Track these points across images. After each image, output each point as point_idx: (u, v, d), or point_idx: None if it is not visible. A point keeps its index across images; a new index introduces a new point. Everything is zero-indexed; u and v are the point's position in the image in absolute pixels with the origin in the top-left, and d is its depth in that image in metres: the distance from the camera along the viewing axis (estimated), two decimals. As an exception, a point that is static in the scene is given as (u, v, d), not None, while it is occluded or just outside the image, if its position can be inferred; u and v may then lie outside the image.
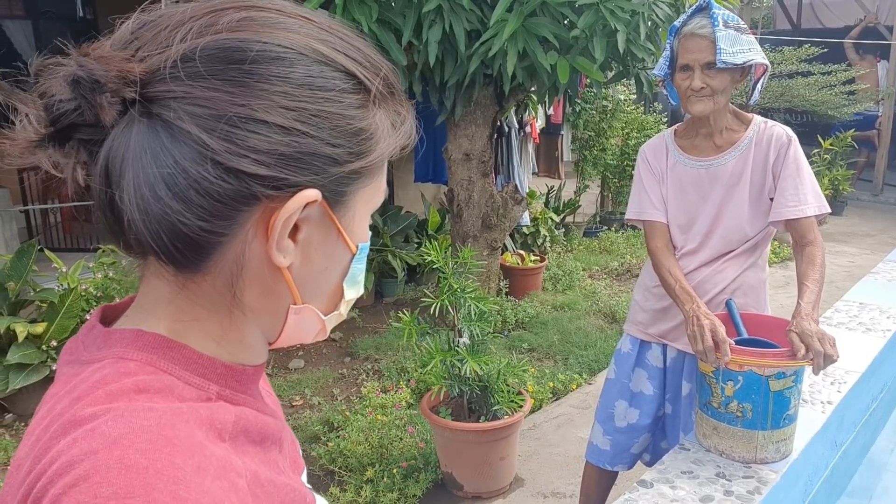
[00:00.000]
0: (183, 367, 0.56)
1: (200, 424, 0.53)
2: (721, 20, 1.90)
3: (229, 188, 0.52)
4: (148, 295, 0.59)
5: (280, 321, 0.62)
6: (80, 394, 0.52)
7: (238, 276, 0.57)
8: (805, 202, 1.96)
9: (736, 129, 2.05)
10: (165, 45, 0.52)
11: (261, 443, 0.60)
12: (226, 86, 0.52)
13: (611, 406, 2.30)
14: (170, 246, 0.53)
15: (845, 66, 9.32)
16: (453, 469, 2.99)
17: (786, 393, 1.73)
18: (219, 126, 0.51)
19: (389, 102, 0.61)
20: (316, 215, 0.58)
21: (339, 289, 0.64)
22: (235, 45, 0.52)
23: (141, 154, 0.51)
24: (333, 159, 0.56)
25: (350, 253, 0.62)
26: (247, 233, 0.55)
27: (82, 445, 0.48)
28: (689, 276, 2.07)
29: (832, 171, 8.62)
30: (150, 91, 0.51)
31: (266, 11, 0.56)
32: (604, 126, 7.37)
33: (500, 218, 4.86)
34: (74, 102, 0.51)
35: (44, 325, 3.66)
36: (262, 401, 0.64)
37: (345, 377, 4.21)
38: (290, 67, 0.54)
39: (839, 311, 2.86)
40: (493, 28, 3.69)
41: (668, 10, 4.02)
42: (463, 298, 2.72)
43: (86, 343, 0.59)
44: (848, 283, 5.97)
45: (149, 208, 0.51)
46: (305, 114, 0.54)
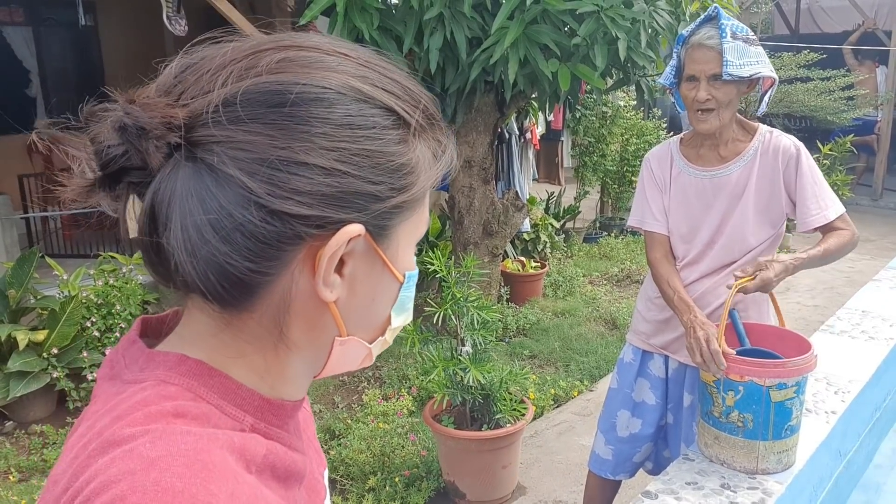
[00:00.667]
0: (221, 396, 0.57)
1: (233, 451, 0.53)
2: (729, 31, 1.88)
3: (274, 230, 0.53)
4: (192, 326, 0.60)
5: (325, 353, 0.62)
6: (120, 413, 0.53)
7: (285, 312, 0.57)
8: (826, 207, 1.98)
9: (741, 139, 2.05)
10: (207, 89, 0.53)
11: (285, 480, 0.61)
12: (267, 129, 0.52)
13: (613, 416, 2.30)
14: (218, 286, 0.54)
15: (844, 71, 9.34)
16: (455, 477, 2.98)
17: (787, 404, 1.73)
18: (261, 170, 0.52)
19: (429, 133, 0.61)
20: (361, 249, 0.58)
21: (387, 317, 0.64)
22: (275, 88, 0.53)
23: (187, 197, 0.51)
24: (375, 196, 0.56)
25: (398, 282, 0.62)
26: (293, 270, 0.56)
27: (120, 466, 0.48)
28: (690, 288, 2.07)
29: (832, 176, 8.60)
30: (195, 136, 0.52)
31: (305, 51, 0.57)
32: (604, 132, 7.38)
33: (501, 225, 4.87)
34: (122, 147, 0.52)
35: (44, 333, 3.66)
36: (295, 437, 0.64)
37: (346, 384, 4.20)
38: (330, 108, 0.54)
39: (841, 319, 2.85)
40: (495, 35, 3.70)
41: (668, 18, 4.04)
42: (466, 307, 2.72)
43: (127, 359, 0.60)
44: (848, 288, 5.97)
45: (196, 251, 0.52)
46: (346, 154, 0.54)
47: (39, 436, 3.56)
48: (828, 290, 6.06)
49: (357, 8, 3.69)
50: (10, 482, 3.19)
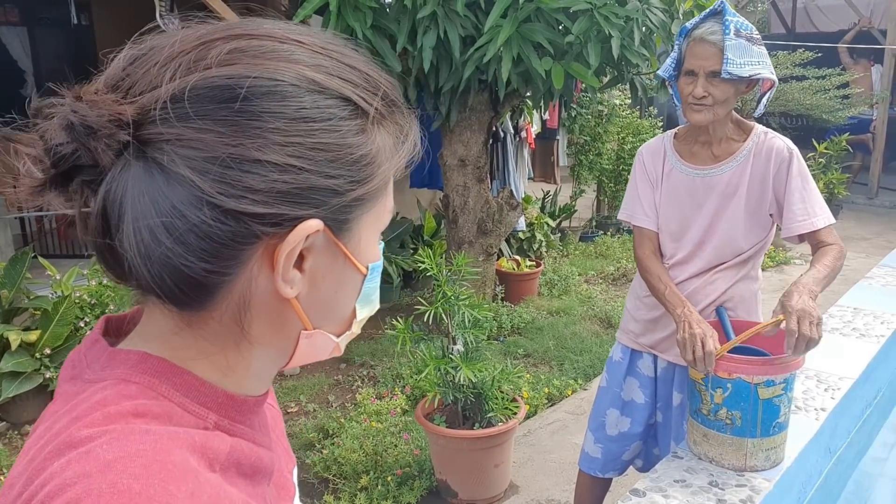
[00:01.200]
0: (183, 394, 0.56)
1: (194, 451, 0.52)
2: (733, 28, 1.84)
3: (228, 230, 0.51)
4: (153, 324, 0.58)
5: (291, 347, 0.61)
6: (79, 414, 0.52)
7: (245, 310, 0.56)
8: (814, 214, 1.93)
9: (736, 138, 2.01)
10: (156, 83, 0.51)
11: (251, 476, 0.60)
12: (217, 126, 0.51)
13: (602, 414, 2.30)
14: (174, 288, 0.52)
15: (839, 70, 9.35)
16: (448, 476, 2.98)
17: (775, 401, 1.73)
18: (213, 168, 0.50)
19: (389, 119, 0.60)
20: (321, 243, 0.57)
21: (353, 309, 0.63)
22: (224, 82, 0.51)
23: (139, 198, 0.50)
24: (334, 190, 0.55)
25: (361, 275, 0.61)
26: (251, 268, 0.54)
27: (76, 468, 0.47)
28: (680, 287, 2.05)
29: (827, 174, 8.62)
30: (144, 133, 0.50)
31: (256, 39, 0.55)
32: (599, 131, 7.38)
33: (496, 223, 4.87)
34: (72, 146, 0.50)
35: (37, 333, 3.65)
36: (260, 432, 0.63)
37: (340, 383, 4.20)
38: (283, 101, 0.52)
39: (833, 317, 2.86)
40: (488, 34, 3.70)
41: (662, 16, 4.04)
42: (457, 306, 2.72)
43: (88, 359, 0.58)
44: (843, 286, 5.97)
45: (150, 253, 0.50)
46: (301, 148, 0.52)
47: (32, 436, 3.56)
48: (823, 288, 6.05)
49: (350, 7, 3.68)
50: (1, 482, 3.19)
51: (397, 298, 5.53)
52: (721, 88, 1.88)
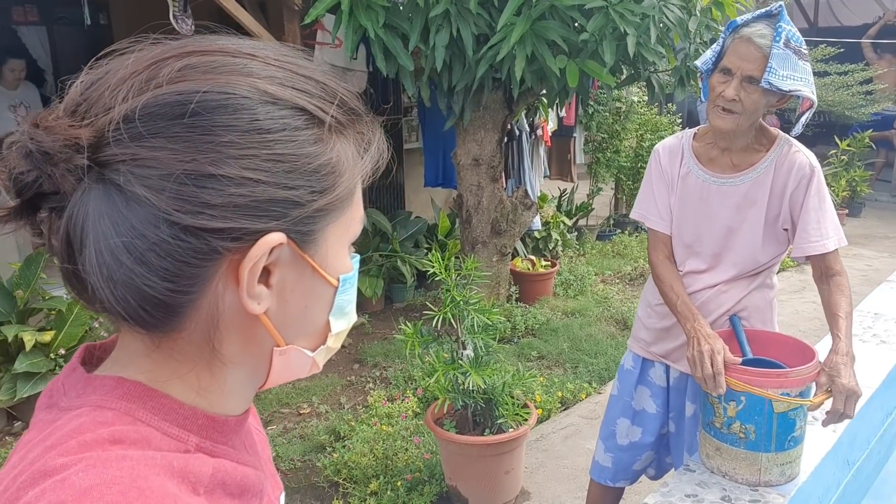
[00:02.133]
0: (162, 418, 0.55)
1: (172, 476, 0.51)
2: (784, 37, 1.71)
3: (189, 246, 0.51)
4: (126, 348, 0.58)
5: (265, 365, 0.60)
6: (53, 442, 0.51)
7: (215, 328, 0.55)
8: (826, 236, 1.85)
9: (757, 147, 1.91)
10: (109, 105, 0.51)
11: (240, 496, 0.59)
12: (170, 143, 0.50)
13: (613, 423, 2.25)
14: (138, 310, 0.52)
15: (863, 65, 9.18)
16: (458, 482, 2.95)
17: (791, 414, 1.68)
18: (168, 186, 0.49)
19: (350, 128, 0.59)
20: (286, 257, 0.56)
21: (326, 323, 0.62)
22: (174, 99, 0.50)
23: (99, 220, 0.50)
24: (294, 202, 0.54)
25: (332, 287, 0.60)
26: (216, 286, 0.54)
27: (50, 497, 0.46)
28: (693, 297, 1.98)
29: (849, 172, 8.48)
30: (101, 156, 0.50)
31: (208, 55, 0.54)
32: (617, 128, 7.30)
33: (510, 223, 4.82)
34: (33, 174, 0.50)
35: (52, 334, 3.67)
36: (244, 451, 0.62)
37: (353, 384, 4.18)
38: (235, 114, 0.51)
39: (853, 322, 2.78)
40: (501, 32, 3.65)
41: (678, 13, 3.96)
42: (466, 311, 2.68)
43: (66, 387, 0.58)
44: (865, 287, 5.86)
45: (112, 275, 0.50)
46: (256, 160, 0.52)
47: (46, 436, 3.58)
48: (844, 288, 5.94)
49: (363, 6, 3.66)
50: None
51: (411, 298, 5.50)
52: (753, 97, 1.76)
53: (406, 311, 5.31)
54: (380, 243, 5.41)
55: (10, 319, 3.72)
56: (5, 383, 3.54)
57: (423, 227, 5.75)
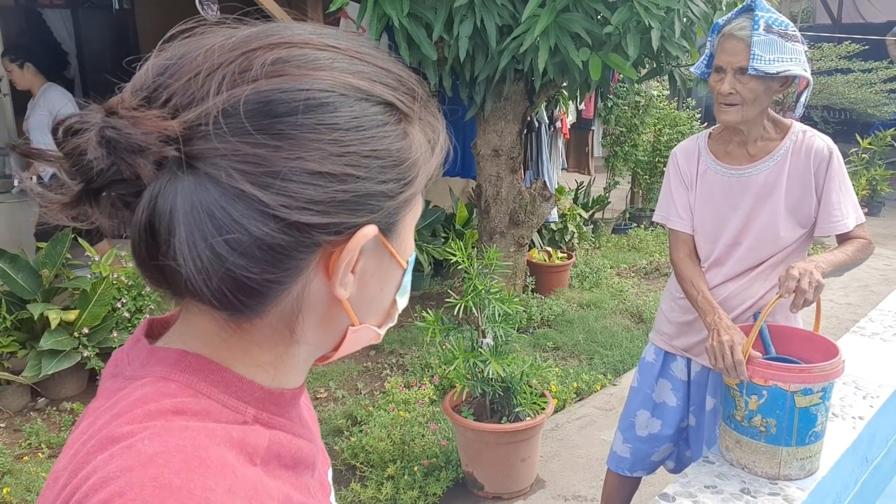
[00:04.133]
0: (221, 391, 0.57)
1: (231, 447, 0.53)
2: (763, 24, 1.79)
3: (292, 240, 0.52)
4: (193, 324, 0.59)
5: (335, 341, 0.63)
6: (120, 410, 0.53)
7: (298, 313, 0.57)
8: (847, 216, 1.94)
9: (773, 137, 1.97)
10: (200, 96, 0.51)
11: (294, 467, 0.61)
12: (274, 140, 0.51)
13: (632, 415, 2.27)
14: (232, 299, 0.53)
15: (887, 63, 9.08)
16: (474, 469, 2.99)
17: (812, 410, 1.69)
18: (274, 182, 0.51)
19: (426, 121, 0.61)
20: (372, 245, 0.58)
21: (394, 301, 0.66)
22: (278, 97, 0.51)
23: (192, 212, 0.50)
24: (387, 195, 0.56)
25: (402, 269, 0.64)
26: (308, 274, 0.56)
27: (118, 462, 0.49)
28: (715, 291, 2.02)
29: (870, 170, 8.41)
30: (193, 148, 0.50)
31: (296, 48, 0.55)
32: (636, 122, 7.29)
33: (528, 215, 4.84)
34: (108, 161, 0.50)
35: (76, 313, 3.73)
36: (298, 424, 0.64)
37: (369, 370, 4.23)
38: (335, 112, 0.53)
39: (873, 321, 2.78)
40: (525, 23, 3.65)
41: (703, 7, 3.95)
42: (487, 299, 2.71)
43: (130, 357, 0.60)
44: (884, 286, 5.84)
45: (209, 266, 0.51)
46: (356, 157, 0.54)
47: (70, 413, 3.64)
48: (862, 287, 5.93)
49: (387, -5, 3.66)
50: (40, 458, 3.27)
51: (428, 287, 5.54)
52: (749, 86, 1.83)
53: (423, 299, 5.34)
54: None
55: (35, 298, 3.79)
56: (31, 360, 3.61)
57: (441, 216, 5.77)
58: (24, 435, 3.45)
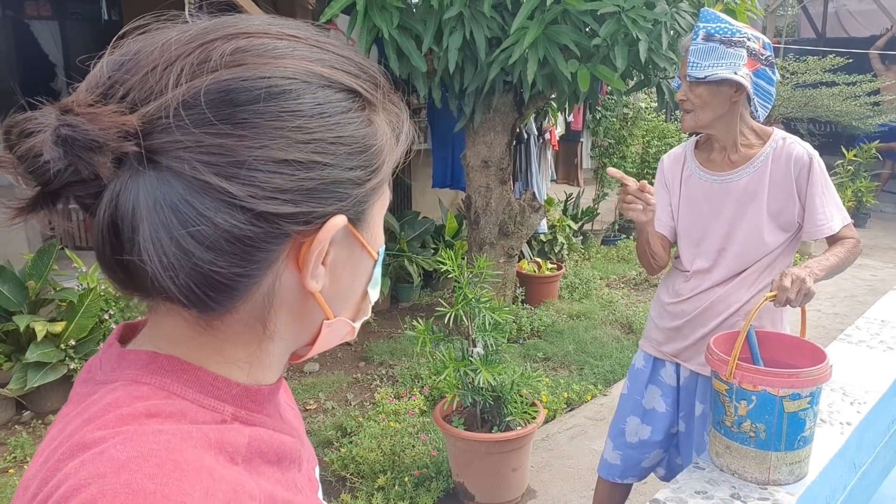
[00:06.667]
0: (196, 390, 0.56)
1: (209, 448, 0.52)
2: (703, 33, 1.88)
3: (261, 231, 0.52)
4: (164, 325, 0.58)
5: (310, 336, 0.62)
6: (91, 416, 0.52)
7: (269, 307, 0.57)
8: (832, 218, 1.98)
9: (753, 144, 2.03)
10: (159, 90, 0.50)
11: (278, 463, 0.60)
12: (237, 129, 0.50)
13: (623, 421, 2.28)
14: (201, 295, 0.52)
15: (870, 76, 9.20)
16: (465, 479, 2.97)
17: (801, 414, 1.70)
18: (240, 172, 0.50)
19: (389, 110, 0.61)
20: (341, 236, 0.58)
21: (365, 293, 0.65)
22: (239, 85, 0.50)
23: (156, 208, 0.49)
24: (354, 182, 0.56)
25: (373, 260, 0.63)
26: (278, 267, 0.55)
27: (90, 469, 0.47)
28: (701, 297, 2.06)
29: (855, 182, 8.51)
30: (154, 142, 0.49)
31: (254, 37, 0.54)
32: (624, 134, 7.34)
33: (518, 225, 4.85)
34: (65, 162, 0.48)
35: (63, 325, 3.70)
36: (279, 419, 0.63)
37: (359, 382, 4.21)
38: (298, 99, 0.52)
39: (860, 329, 2.80)
40: (514, 35, 3.68)
41: (690, 20, 3.99)
42: (478, 308, 2.71)
43: (102, 362, 0.59)
44: (870, 297, 5.88)
45: (176, 262, 0.50)
46: (322, 144, 0.53)
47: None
48: (848, 298, 5.97)
49: (377, 7, 3.69)
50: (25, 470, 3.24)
51: (417, 298, 5.53)
52: (696, 92, 1.92)
53: (412, 310, 5.34)
54: (387, 242, 5.43)
55: (21, 310, 3.75)
56: (16, 372, 3.57)
57: (431, 227, 5.78)
58: (8, 448, 3.41)
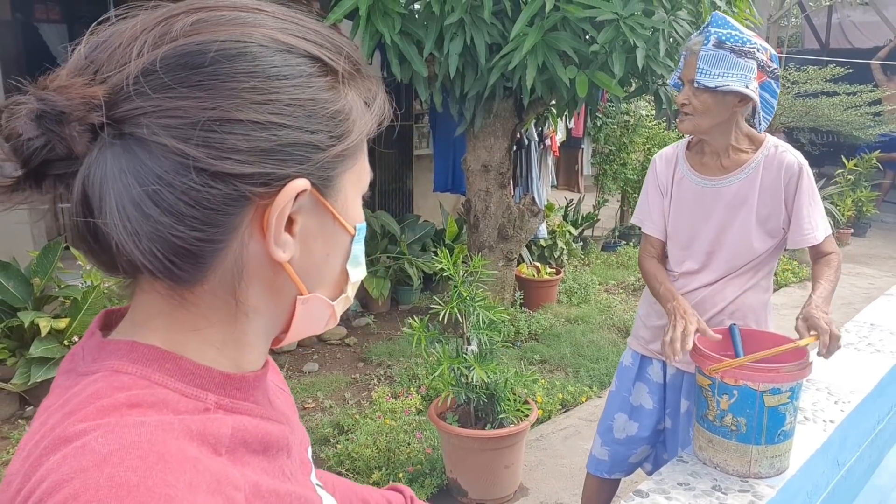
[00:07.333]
0: (178, 379, 0.55)
1: (192, 439, 0.51)
2: (714, 39, 1.85)
3: (218, 193, 0.52)
4: (141, 309, 0.58)
5: (287, 315, 0.62)
6: (72, 408, 0.52)
7: (239, 278, 0.56)
8: (816, 228, 2.00)
9: (745, 150, 2.04)
10: (123, 62, 0.51)
11: (264, 452, 0.59)
12: (193, 92, 0.51)
13: (610, 418, 2.33)
14: (165, 262, 0.52)
15: (872, 86, 9.24)
16: (458, 475, 3.02)
17: (781, 409, 1.75)
18: (195, 133, 0.50)
19: (358, 80, 0.61)
20: (309, 204, 0.58)
21: (344, 272, 0.64)
22: (194, 48, 0.52)
23: (120, 176, 0.50)
24: (315, 146, 0.56)
25: (349, 235, 0.62)
26: (242, 234, 0.55)
27: (72, 463, 0.47)
28: (688, 296, 2.09)
29: (856, 192, 8.54)
30: (118, 112, 0.50)
31: (217, 10, 0.55)
32: (625, 140, 7.39)
33: (517, 229, 4.90)
34: (43, 139, 0.50)
35: (66, 321, 3.75)
36: (266, 406, 0.63)
37: (357, 382, 4.26)
38: (254, 61, 0.53)
39: (849, 332, 2.85)
40: (514, 41, 3.74)
41: (688, 28, 4.05)
42: (472, 307, 2.76)
43: (84, 351, 0.58)
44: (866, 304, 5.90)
45: (138, 228, 0.50)
46: (279, 105, 0.53)
47: (58, 420, 3.66)
48: (845, 305, 6.00)
49: (379, 12, 3.75)
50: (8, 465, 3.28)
51: (417, 300, 5.58)
52: (700, 98, 1.91)
53: (411, 312, 5.38)
54: (388, 245, 5.49)
55: (26, 306, 3.81)
56: (20, 368, 3.63)
57: (431, 230, 5.83)
58: (11, 442, 3.46)
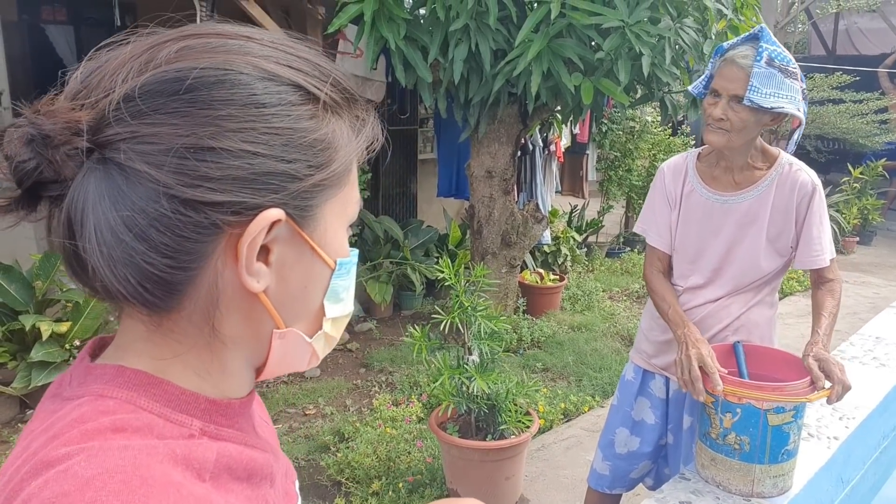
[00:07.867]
0: (164, 405, 0.55)
1: (176, 464, 0.51)
2: (766, 56, 1.78)
3: (189, 220, 0.51)
4: (125, 334, 0.58)
5: (265, 347, 0.61)
6: (56, 432, 0.51)
7: (214, 307, 0.56)
8: (824, 251, 1.97)
9: (759, 166, 1.98)
10: (110, 88, 0.52)
11: (247, 479, 0.59)
12: (169, 119, 0.51)
13: (612, 432, 2.30)
14: (139, 288, 0.52)
15: (878, 94, 9.20)
16: (458, 486, 3.00)
17: (785, 428, 1.72)
18: (168, 160, 0.50)
19: (345, 108, 0.60)
20: (285, 234, 0.56)
21: (321, 307, 0.62)
22: (173, 75, 0.52)
23: (99, 200, 0.50)
24: (292, 175, 0.55)
25: (329, 269, 0.61)
26: (216, 262, 0.54)
27: (53, 487, 0.46)
28: (693, 312, 2.05)
29: (861, 200, 8.50)
30: (101, 137, 0.51)
31: (206, 37, 0.55)
32: (630, 147, 7.37)
33: (520, 236, 4.88)
34: (34, 161, 0.50)
35: (68, 325, 3.75)
36: (251, 434, 0.63)
37: (358, 388, 4.24)
38: (232, 89, 0.53)
39: (854, 345, 2.82)
40: (519, 48, 3.73)
41: (694, 35, 4.03)
42: (474, 317, 2.74)
43: (72, 377, 0.58)
44: (871, 314, 5.86)
45: (112, 253, 0.51)
46: (254, 133, 0.53)
47: (57, 424, 3.65)
48: (850, 315, 5.96)
49: (384, 18, 3.75)
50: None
51: (419, 306, 5.57)
52: (740, 115, 1.83)
53: (414, 318, 5.37)
54: (391, 250, 5.48)
55: (28, 309, 3.81)
56: (21, 371, 3.62)
57: (435, 236, 5.82)
58: (11, 446, 3.46)
